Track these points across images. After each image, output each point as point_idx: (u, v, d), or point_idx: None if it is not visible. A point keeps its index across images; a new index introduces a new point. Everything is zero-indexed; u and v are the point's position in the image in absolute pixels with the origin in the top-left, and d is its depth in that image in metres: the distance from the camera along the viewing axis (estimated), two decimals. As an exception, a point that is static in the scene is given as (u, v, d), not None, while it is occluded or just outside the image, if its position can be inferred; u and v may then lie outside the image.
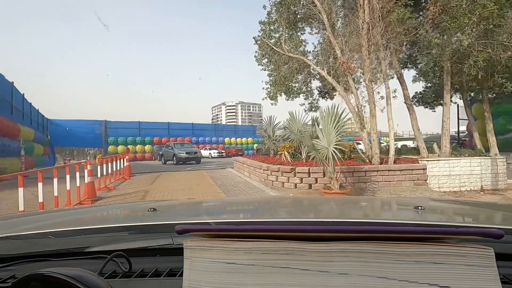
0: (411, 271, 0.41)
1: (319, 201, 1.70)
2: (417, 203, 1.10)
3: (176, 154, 16.35)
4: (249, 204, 1.61)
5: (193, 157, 16.51)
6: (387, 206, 1.36)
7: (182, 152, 16.33)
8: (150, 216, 1.03)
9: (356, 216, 1.15)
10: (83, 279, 0.44)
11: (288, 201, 1.76)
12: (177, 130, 28.99)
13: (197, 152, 17.29)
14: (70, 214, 1.36)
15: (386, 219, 1.02)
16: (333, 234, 0.44)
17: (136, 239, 0.79)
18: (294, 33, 10.70)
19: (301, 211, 1.30)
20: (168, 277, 0.64)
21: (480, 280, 0.40)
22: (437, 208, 1.24)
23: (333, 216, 1.12)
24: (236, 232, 0.47)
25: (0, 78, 11.39)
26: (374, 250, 0.42)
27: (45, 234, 0.83)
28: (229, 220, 1.05)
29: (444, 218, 1.09)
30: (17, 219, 1.19)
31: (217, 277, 0.44)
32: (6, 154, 11.01)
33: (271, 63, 11.17)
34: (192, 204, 1.67)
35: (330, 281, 0.42)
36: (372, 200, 1.98)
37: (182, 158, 16.09)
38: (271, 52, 10.76)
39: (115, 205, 1.83)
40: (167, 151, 17.73)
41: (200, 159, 17.08)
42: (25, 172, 5.80)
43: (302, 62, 10.17)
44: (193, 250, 0.46)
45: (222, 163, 16.83)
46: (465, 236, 0.44)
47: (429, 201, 1.60)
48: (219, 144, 31.19)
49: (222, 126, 37.67)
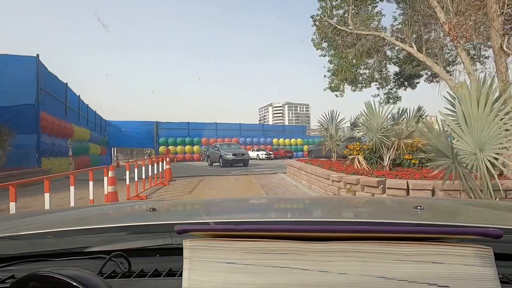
0: (410, 271, 0.41)
1: (319, 201, 1.69)
2: (416, 203, 1.10)
3: (222, 156, 15.15)
4: (249, 204, 1.57)
5: (240, 159, 15.15)
6: (387, 206, 1.35)
7: (229, 154, 15.07)
8: (149, 216, 1.03)
9: (356, 216, 1.16)
10: (83, 279, 0.44)
11: (288, 201, 1.70)
12: (224, 131, 28.38)
13: (245, 154, 15.79)
14: (69, 214, 1.32)
15: (386, 219, 0.92)
16: (332, 234, 0.44)
17: (135, 239, 0.77)
18: (363, 6, 8.54)
19: (301, 211, 1.31)
20: (168, 277, 0.62)
21: (479, 280, 0.40)
22: (436, 208, 1.24)
23: (332, 216, 1.13)
24: (235, 232, 0.46)
25: (54, 79, 11.49)
26: (373, 250, 0.42)
27: (44, 234, 0.80)
28: (228, 220, 1.01)
29: (443, 218, 1.06)
30: (16, 219, 1.18)
31: (217, 277, 0.44)
32: (56, 154, 11.01)
33: (332, 47, 9.15)
34: (191, 204, 1.63)
35: (329, 280, 0.42)
36: (371, 200, 1.83)
37: (228, 160, 14.89)
38: (332, 33, 8.74)
39: (115, 205, 1.66)
40: (213, 152, 16.55)
41: (247, 161, 15.62)
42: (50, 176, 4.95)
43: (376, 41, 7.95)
44: (193, 250, 0.46)
45: (271, 166, 15.26)
46: (464, 236, 0.43)
47: (428, 201, 1.55)
48: (266, 145, 29.75)
49: (270, 126, 36.03)
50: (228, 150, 15.65)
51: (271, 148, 29.27)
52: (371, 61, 8.58)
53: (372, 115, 5.87)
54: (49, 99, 10.72)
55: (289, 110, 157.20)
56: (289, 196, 4.17)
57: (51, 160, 10.40)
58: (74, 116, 13.69)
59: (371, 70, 8.66)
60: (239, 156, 15.10)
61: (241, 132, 29.34)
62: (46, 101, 10.36)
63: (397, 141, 5.61)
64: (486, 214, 1.12)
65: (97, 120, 20.14)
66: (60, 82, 12.12)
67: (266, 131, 31.30)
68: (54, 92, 11.11)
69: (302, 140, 31.70)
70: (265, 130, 31.22)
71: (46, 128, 10.07)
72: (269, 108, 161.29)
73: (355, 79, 8.86)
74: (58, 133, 11.21)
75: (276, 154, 26.44)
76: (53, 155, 10.78)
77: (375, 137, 5.75)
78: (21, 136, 9.16)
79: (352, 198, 2.27)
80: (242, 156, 15.29)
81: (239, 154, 15.26)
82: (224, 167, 14.63)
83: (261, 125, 33.16)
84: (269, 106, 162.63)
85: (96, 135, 18.78)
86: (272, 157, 25.35)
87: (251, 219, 1.00)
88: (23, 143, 9.30)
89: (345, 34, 8.32)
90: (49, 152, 10.36)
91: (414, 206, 1.01)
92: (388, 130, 5.79)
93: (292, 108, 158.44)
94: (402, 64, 7.93)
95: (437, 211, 1.18)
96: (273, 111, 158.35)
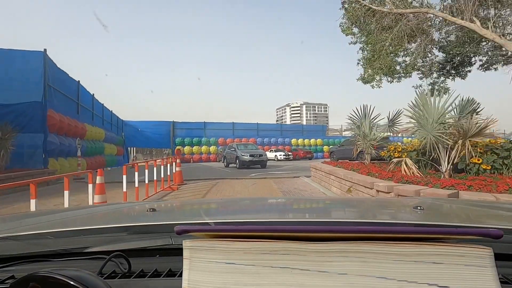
0: (410, 271, 0.40)
1: (319, 202, 1.68)
2: (416, 203, 1.10)
3: (239, 157, 14.17)
4: (249, 204, 1.55)
5: (258, 160, 14.07)
6: (387, 207, 1.33)
7: (246, 155, 14.02)
8: (149, 216, 1.03)
9: (356, 216, 1.15)
10: (82, 279, 0.44)
11: (288, 202, 1.72)
12: (241, 131, 27.54)
13: (263, 155, 14.63)
14: (69, 214, 1.30)
15: (386, 219, 0.99)
16: (332, 234, 0.44)
17: (135, 239, 0.77)
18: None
19: (300, 211, 1.30)
20: (168, 277, 0.63)
21: (479, 280, 0.39)
22: (436, 208, 1.23)
23: (332, 216, 1.13)
24: (235, 232, 0.46)
25: (64, 76, 11.04)
26: (373, 250, 0.42)
27: (44, 235, 0.80)
28: (228, 220, 0.99)
29: (443, 218, 1.06)
30: (16, 219, 1.15)
31: (217, 277, 0.44)
32: (66, 154, 10.52)
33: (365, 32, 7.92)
34: (191, 204, 1.63)
35: (329, 281, 0.42)
36: (371, 201, 1.83)
37: (245, 162, 13.89)
38: (365, 16, 7.52)
39: (115, 205, 1.50)
40: (229, 153, 15.58)
41: (265, 162, 14.52)
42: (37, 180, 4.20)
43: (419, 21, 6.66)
44: (193, 250, 0.46)
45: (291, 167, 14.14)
46: (464, 236, 0.43)
47: (428, 201, 1.51)
48: (285, 145, 28.58)
49: (288, 126, 34.50)
50: (245, 150, 14.64)
51: (289, 148, 28.06)
52: (412, 46, 7.28)
53: (426, 107, 4.63)
54: (58, 96, 10.21)
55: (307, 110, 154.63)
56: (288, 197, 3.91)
57: (60, 161, 9.89)
58: (87, 115, 13.27)
59: (412, 57, 7.34)
60: (256, 157, 14.01)
61: (258, 132, 28.36)
62: (55, 99, 9.84)
63: (462, 140, 4.36)
64: (486, 214, 1.11)
65: (113, 120, 19.89)
66: (72, 80, 11.67)
67: (284, 131, 30.09)
68: (64, 90, 10.62)
69: (322, 141, 30.24)
70: (283, 130, 30.02)
71: (54, 126, 9.54)
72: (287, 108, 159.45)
73: (391, 68, 7.58)
74: (68, 132, 10.72)
75: (295, 155, 25.20)
76: (63, 155, 10.29)
77: (430, 135, 4.52)
78: (27, 136, 8.67)
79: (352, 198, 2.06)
80: (259, 157, 14.18)
81: (256, 155, 14.16)
82: (240, 169, 13.73)
83: (279, 124, 31.82)
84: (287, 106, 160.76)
85: (112, 135, 18.49)
86: (291, 158, 24.16)
87: (251, 219, 0.97)
88: (29, 143, 8.82)
89: (381, 16, 7.09)
90: (58, 152, 9.84)
91: (414, 206, 1.02)
92: (448, 126, 4.53)
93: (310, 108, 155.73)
94: (452, 48, 6.59)
95: (437, 211, 1.18)
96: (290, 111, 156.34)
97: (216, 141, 25.92)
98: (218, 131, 26.68)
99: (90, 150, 12.88)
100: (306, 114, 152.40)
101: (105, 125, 16.82)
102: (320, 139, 30.27)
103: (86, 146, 12.19)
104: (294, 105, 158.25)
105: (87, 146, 12.25)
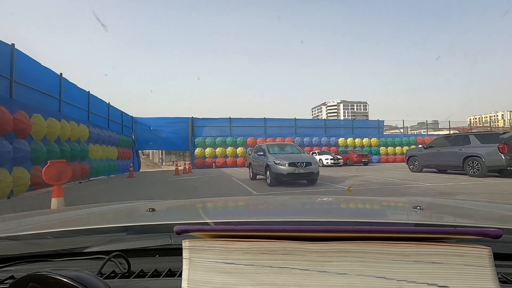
0: (409, 271, 0.41)
1: (318, 201, 1.62)
2: (415, 203, 1.11)
3: (270, 166, 8.03)
4: (248, 204, 1.55)
5: (304, 172, 7.83)
6: (386, 206, 1.35)
7: (283, 163, 7.84)
8: (149, 216, 1.03)
9: (355, 216, 1.15)
10: (82, 279, 0.44)
11: (287, 201, 1.70)
12: (275, 128, 22.26)
13: (311, 163, 8.04)
14: (68, 214, 1.31)
15: (385, 219, 0.99)
16: (332, 234, 0.44)
17: (135, 239, 0.77)
18: None
19: (300, 211, 1.30)
20: (167, 277, 0.63)
21: (479, 280, 0.40)
22: (435, 208, 1.24)
23: (332, 216, 1.13)
24: (235, 232, 0.47)
25: None
26: (372, 250, 0.42)
27: (43, 235, 0.81)
28: (228, 220, 1.01)
29: (442, 218, 1.06)
30: (15, 219, 1.14)
31: (216, 277, 0.44)
32: None
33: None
34: (191, 204, 1.58)
35: (329, 281, 0.42)
36: (371, 200, 1.78)
37: (282, 175, 7.74)
38: None
39: (114, 205, 1.50)
40: (256, 158, 9.43)
41: (316, 175, 8.16)
42: None
43: None
44: (192, 251, 0.46)
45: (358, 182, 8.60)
46: (463, 236, 0.44)
47: (428, 201, 1.51)
48: (330, 146, 22.68)
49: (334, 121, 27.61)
50: (282, 155, 8.37)
51: (337, 150, 22.13)
52: None
53: None
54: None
55: (344, 108, 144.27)
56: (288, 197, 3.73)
57: None
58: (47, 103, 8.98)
59: None
60: (301, 166, 7.76)
61: (296, 130, 22.80)
62: None
63: None
64: (485, 214, 1.11)
65: (115, 115, 15.87)
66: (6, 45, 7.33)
67: (330, 128, 24.07)
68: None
69: (378, 140, 23.72)
70: (328, 127, 24.03)
71: None
72: (323, 107, 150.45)
73: None
74: None
75: (346, 159, 19.25)
76: None
77: None
78: None
79: (352, 198, 2.00)
80: (306, 166, 7.80)
81: (301, 163, 7.84)
82: (273, 186, 7.80)
83: (322, 120, 25.76)
84: (323, 105, 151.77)
85: (112, 135, 14.44)
86: (341, 164, 18.28)
87: (251, 219, 0.97)
88: None
89: None
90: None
91: (414, 206, 1.03)
92: None
93: (348, 107, 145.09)
94: None
95: (436, 211, 1.18)
96: (327, 110, 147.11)
97: (244, 141, 20.96)
98: (247, 129, 21.68)
99: (54, 155, 8.58)
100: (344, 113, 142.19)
101: (97, 121, 12.71)
102: (375, 138, 23.80)
103: (36, 149, 7.83)
104: (331, 104, 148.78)
105: (37, 149, 7.89)
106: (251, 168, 10.13)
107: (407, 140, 24.14)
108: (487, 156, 9.02)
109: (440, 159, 10.65)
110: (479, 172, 9.17)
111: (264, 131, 21.96)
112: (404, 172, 11.79)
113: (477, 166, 9.24)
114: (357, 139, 23.38)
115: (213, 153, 20.62)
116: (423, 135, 25.34)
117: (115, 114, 16.19)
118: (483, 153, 9.13)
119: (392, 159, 23.37)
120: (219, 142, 20.81)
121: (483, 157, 9.08)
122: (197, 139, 20.59)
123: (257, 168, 9.46)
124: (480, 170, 9.13)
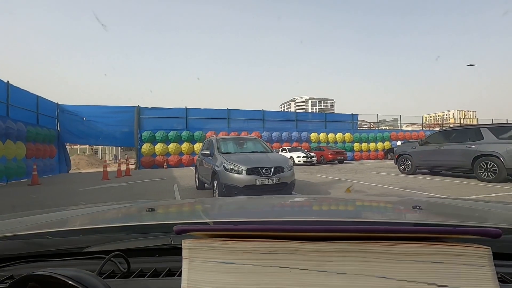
0: (409, 271, 0.40)
1: (318, 201, 1.64)
2: (415, 203, 1.09)
3: (219, 174, 4.95)
4: (248, 204, 1.53)
5: (275, 184, 4.85)
6: (386, 206, 1.33)
7: (238, 169, 4.83)
8: (148, 216, 1.02)
9: (355, 215, 1.15)
10: (82, 279, 0.44)
11: (287, 201, 1.70)
12: (240, 121, 19.31)
13: (283, 169, 5.05)
14: (68, 214, 1.29)
15: (385, 219, 0.98)
16: (332, 233, 0.44)
17: (134, 239, 0.77)
18: None
19: (300, 211, 1.29)
20: (167, 277, 0.63)
21: (478, 279, 0.39)
22: (435, 208, 1.23)
23: (332, 216, 1.12)
24: (234, 232, 0.46)
25: None
26: (372, 249, 0.42)
27: (43, 234, 0.80)
28: (227, 220, 0.99)
29: (442, 218, 1.06)
30: (14, 219, 1.12)
31: (216, 277, 0.44)
32: None
33: None
34: (190, 204, 1.60)
35: (329, 280, 0.41)
36: (370, 200, 1.77)
37: (237, 188, 4.74)
38: None
39: (114, 205, 1.51)
40: (204, 160, 6.19)
41: (292, 186, 5.20)
42: None
43: None
44: (192, 250, 0.46)
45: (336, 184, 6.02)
46: (463, 235, 0.43)
47: (427, 201, 1.52)
48: (301, 142, 20.32)
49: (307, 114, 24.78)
50: (238, 156, 5.40)
51: (309, 147, 19.83)
52: None
53: None
54: None
55: (312, 105, 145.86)
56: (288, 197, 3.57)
57: None
58: None
59: None
60: (267, 174, 4.85)
61: (264, 124, 20.06)
62: None
63: None
64: (485, 214, 1.10)
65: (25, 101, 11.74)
66: None
67: (300, 122, 21.68)
68: None
69: (352, 136, 21.90)
70: (299, 121, 21.63)
71: None
72: (291, 103, 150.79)
73: None
74: None
75: (320, 157, 16.98)
76: None
77: None
78: None
79: (351, 198, 1.99)
80: (276, 174, 4.90)
81: (267, 168, 4.91)
82: None
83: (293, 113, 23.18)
84: (292, 101, 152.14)
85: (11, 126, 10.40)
86: (315, 162, 15.96)
87: (250, 219, 0.96)
88: None
89: None
90: None
91: (413, 206, 1.03)
92: None
93: (316, 104, 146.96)
94: None
95: (436, 211, 1.17)
96: (295, 106, 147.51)
97: (203, 136, 17.73)
98: (207, 122, 18.51)
99: None
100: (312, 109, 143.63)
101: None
102: (349, 133, 21.93)
103: None
104: (299, 100, 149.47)
105: None
106: (197, 173, 7.03)
107: (381, 135, 22.62)
108: (508, 156, 6.89)
109: (440, 158, 8.48)
110: (495, 176, 7.03)
111: (227, 124, 18.96)
112: (394, 174, 9.58)
113: (493, 168, 7.09)
114: (330, 134, 21.37)
115: (165, 150, 17.08)
116: (396, 131, 24.07)
117: (27, 99, 12.06)
118: (502, 151, 6.99)
119: (366, 156, 21.72)
120: (173, 137, 17.31)
121: (502, 157, 6.94)
122: (144, 133, 16.84)
123: (204, 173, 6.29)
124: (497, 174, 7.00)
